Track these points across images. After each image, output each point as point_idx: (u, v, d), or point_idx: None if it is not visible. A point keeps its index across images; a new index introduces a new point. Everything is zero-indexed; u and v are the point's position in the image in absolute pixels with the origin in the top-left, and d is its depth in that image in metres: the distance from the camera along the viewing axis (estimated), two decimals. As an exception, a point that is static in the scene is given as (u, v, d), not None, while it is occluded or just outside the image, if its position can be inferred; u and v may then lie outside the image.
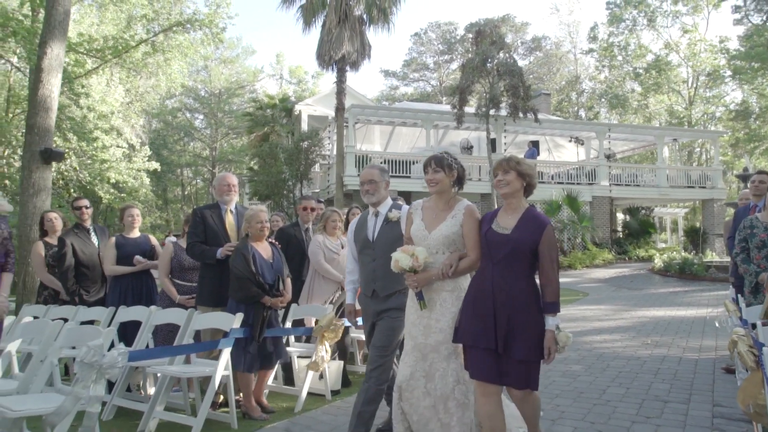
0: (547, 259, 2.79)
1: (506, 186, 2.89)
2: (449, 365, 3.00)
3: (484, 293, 2.83)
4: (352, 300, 3.71)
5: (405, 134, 23.31)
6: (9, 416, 2.75)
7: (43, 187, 10.83)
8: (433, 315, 3.05)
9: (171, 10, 21.47)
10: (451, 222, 3.08)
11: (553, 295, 2.79)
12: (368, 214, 3.62)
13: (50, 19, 11.16)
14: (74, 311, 4.77)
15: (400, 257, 2.99)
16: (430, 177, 3.13)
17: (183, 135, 43.07)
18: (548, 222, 2.86)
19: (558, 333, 2.77)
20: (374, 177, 3.55)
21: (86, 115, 21.09)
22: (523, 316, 2.76)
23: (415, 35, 45.81)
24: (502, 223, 2.92)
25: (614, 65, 37.47)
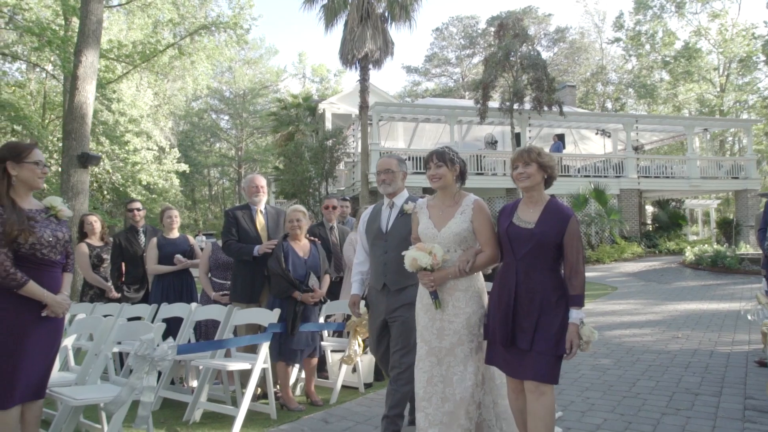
0: (572, 251, 2.71)
1: (527, 179, 2.80)
2: (467, 368, 2.90)
3: (508, 289, 2.77)
4: (358, 290, 3.62)
5: (428, 130, 23.34)
6: (72, 404, 2.98)
7: (81, 190, 11.29)
8: (445, 316, 2.95)
9: (196, 13, 21.86)
10: (461, 218, 2.98)
11: (579, 288, 2.70)
12: (382, 205, 3.54)
13: (84, 29, 11.59)
14: (119, 308, 5.02)
15: (419, 255, 2.89)
16: (432, 172, 3.04)
17: (209, 136, 43.85)
18: (572, 213, 2.77)
19: (582, 327, 2.69)
20: (392, 167, 3.48)
21: (118, 119, 21.67)
22: (549, 311, 2.70)
23: (437, 30, 45.68)
24: (523, 217, 2.82)
25: (641, 54, 36.72)
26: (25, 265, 2.85)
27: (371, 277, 3.51)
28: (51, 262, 2.94)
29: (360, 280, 3.61)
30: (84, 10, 11.72)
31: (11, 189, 2.88)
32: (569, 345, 2.67)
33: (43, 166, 2.99)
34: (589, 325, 2.71)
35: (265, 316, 4.17)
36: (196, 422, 4.04)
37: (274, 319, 4.09)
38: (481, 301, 2.99)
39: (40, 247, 2.89)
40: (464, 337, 2.91)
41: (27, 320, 2.87)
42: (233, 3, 22.18)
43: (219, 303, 4.81)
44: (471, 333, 2.93)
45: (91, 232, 5.63)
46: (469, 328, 2.93)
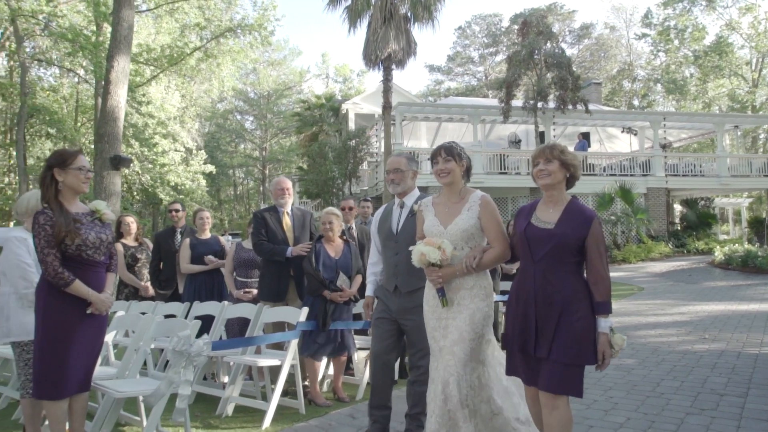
0: (596, 254, 2.57)
1: (548, 176, 2.66)
2: (464, 369, 2.77)
3: (526, 294, 2.65)
4: (372, 292, 3.58)
5: (451, 130, 23.33)
6: (114, 396, 3.17)
7: (114, 191, 11.66)
8: (450, 314, 2.88)
9: (222, 17, 22.25)
10: (468, 215, 2.90)
11: (605, 294, 2.56)
12: (393, 205, 3.48)
13: (116, 35, 11.96)
14: (154, 306, 5.23)
15: (427, 250, 2.79)
16: (441, 167, 2.96)
17: (234, 137, 44.50)
18: (595, 215, 2.65)
19: (613, 335, 2.55)
20: (401, 166, 3.42)
21: (147, 122, 22.20)
22: (568, 316, 2.56)
23: (459, 29, 45.52)
24: (543, 218, 2.69)
25: (670, 50, 35.99)
26: (72, 265, 3.04)
27: (383, 278, 3.47)
28: (96, 263, 3.12)
29: (374, 281, 3.57)
30: (116, 17, 12.09)
31: (59, 194, 3.07)
32: (601, 356, 2.54)
33: (87, 171, 3.17)
34: (619, 333, 2.59)
35: (293, 315, 4.31)
36: (229, 416, 4.20)
37: (302, 318, 4.23)
38: (487, 300, 2.90)
39: (86, 248, 3.08)
40: (466, 334, 2.80)
41: (74, 317, 3.06)
42: (257, 5, 22.59)
43: (241, 300, 4.99)
44: (473, 331, 2.81)
45: (127, 232, 5.86)
46: (473, 325, 2.81)
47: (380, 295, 3.44)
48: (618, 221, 18.30)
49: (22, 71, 20.64)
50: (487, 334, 2.90)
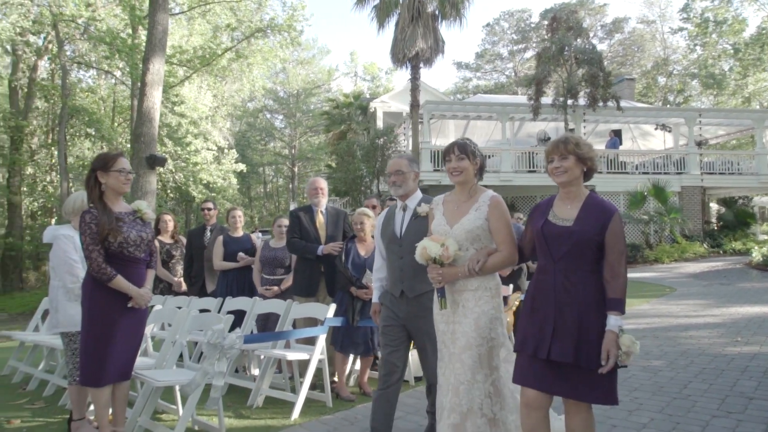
0: (614, 251, 2.45)
1: (564, 173, 2.53)
2: (474, 376, 2.67)
3: (545, 295, 2.53)
4: (378, 299, 3.46)
5: (480, 127, 23.22)
6: (154, 385, 3.36)
7: (150, 190, 12.05)
8: (456, 318, 2.79)
9: (252, 17, 22.62)
10: (475, 215, 2.79)
11: (619, 292, 2.44)
12: (396, 208, 3.40)
13: (151, 38, 12.34)
14: (188, 301, 5.45)
15: (429, 245, 2.71)
16: (454, 165, 2.85)
17: (264, 135, 45.16)
18: (615, 209, 2.52)
19: (621, 335, 2.41)
20: (402, 167, 3.33)
21: (180, 121, 22.77)
22: (595, 319, 2.44)
23: (488, 26, 45.12)
24: (560, 214, 2.56)
25: (708, 43, 34.91)
26: (114, 262, 3.24)
27: (388, 284, 3.35)
28: (136, 259, 3.32)
29: (380, 287, 3.46)
30: (151, 21, 12.47)
31: (103, 194, 3.28)
32: (605, 355, 2.38)
33: (127, 173, 3.36)
34: (629, 335, 2.43)
35: (321, 311, 4.45)
36: (259, 407, 4.37)
37: (330, 314, 4.37)
38: (493, 302, 2.78)
39: (127, 246, 3.27)
40: (473, 340, 2.69)
41: (115, 310, 3.26)
42: (287, 6, 22.91)
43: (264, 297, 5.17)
44: (480, 336, 2.70)
45: (164, 229, 6.11)
46: (479, 330, 2.70)
47: (386, 302, 3.33)
48: (651, 220, 17.96)
49: (63, 74, 21.43)
50: (497, 338, 2.77)
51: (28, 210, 25.87)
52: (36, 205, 26.41)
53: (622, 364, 2.44)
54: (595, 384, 2.43)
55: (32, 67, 23.24)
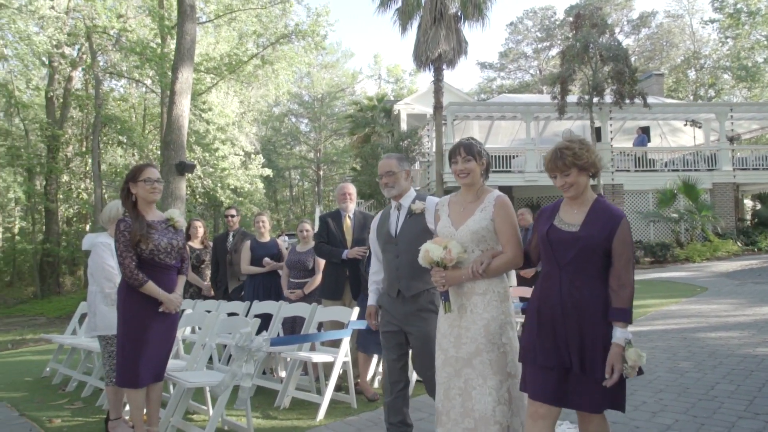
0: (621, 258, 2.38)
1: (571, 188, 2.48)
2: (486, 382, 2.60)
3: (551, 302, 2.46)
4: (374, 302, 3.40)
5: (504, 127, 23.09)
6: (185, 386, 3.51)
7: (179, 196, 12.40)
8: (462, 323, 2.70)
9: (277, 24, 22.98)
10: (480, 216, 2.73)
11: (625, 301, 2.35)
12: (391, 208, 3.37)
13: (180, 48, 12.68)
14: (217, 304, 5.62)
15: (432, 248, 2.65)
16: (460, 167, 2.78)
17: (290, 139, 45.72)
18: (623, 215, 2.45)
19: (628, 349, 2.31)
20: (392, 168, 3.27)
21: (208, 128, 23.27)
22: (601, 328, 2.38)
23: (511, 25, 44.77)
24: (566, 219, 2.50)
25: (740, 35, 33.92)
26: (146, 268, 3.41)
27: (385, 284, 3.30)
28: (167, 266, 3.47)
29: (376, 290, 3.39)
30: (179, 31, 12.83)
31: (137, 204, 3.45)
32: (609, 369, 2.31)
33: (154, 182, 3.51)
34: (636, 348, 2.34)
35: (345, 314, 4.55)
36: (286, 408, 4.50)
37: (353, 317, 4.46)
38: (502, 306, 2.71)
39: (158, 253, 3.43)
40: (482, 346, 2.63)
41: (148, 315, 3.42)
42: (311, 11, 23.23)
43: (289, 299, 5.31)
44: (490, 342, 2.64)
45: (194, 235, 6.31)
46: (488, 336, 2.64)
47: (383, 304, 3.29)
48: (681, 218, 17.57)
49: (96, 84, 22.16)
50: (509, 343, 2.70)
51: (64, 216, 26.79)
52: (71, 212, 27.35)
53: (627, 377, 2.34)
54: (601, 393, 2.35)
55: (67, 78, 24.10)
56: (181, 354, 4.81)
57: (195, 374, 3.78)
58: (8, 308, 21.10)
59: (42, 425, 4.17)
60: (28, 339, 11.98)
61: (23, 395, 5.18)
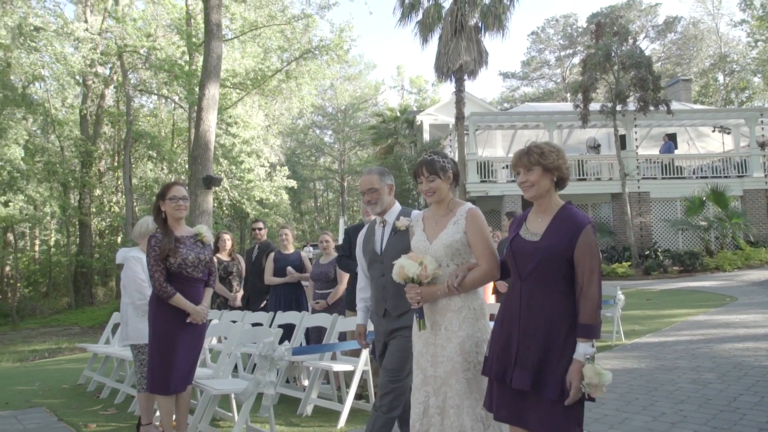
0: (583, 268, 2.24)
1: (531, 187, 2.39)
2: (463, 401, 2.54)
3: (511, 316, 2.38)
4: (363, 320, 3.32)
5: (528, 136, 22.97)
6: (212, 393, 3.68)
7: (206, 209, 12.73)
8: (438, 341, 2.64)
9: (301, 39, 23.43)
10: (453, 229, 2.68)
11: (589, 316, 2.21)
12: (375, 224, 3.27)
13: (207, 65, 13.08)
14: (242, 315, 5.81)
15: (407, 264, 2.60)
16: (425, 188, 2.75)
17: (314, 151, 46.31)
18: (587, 222, 2.31)
19: (588, 364, 2.18)
20: (374, 184, 3.16)
21: (234, 141, 23.81)
22: (560, 344, 2.25)
23: (533, 34, 44.67)
24: (531, 228, 2.41)
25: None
26: (175, 281, 3.59)
27: (372, 303, 3.23)
28: (194, 279, 3.66)
29: (364, 308, 3.30)
30: (206, 49, 13.24)
31: (167, 220, 3.65)
32: (568, 385, 2.20)
33: (179, 200, 3.70)
34: (596, 365, 2.19)
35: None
36: (308, 416, 4.63)
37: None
38: (478, 324, 2.65)
39: (186, 267, 3.62)
40: (458, 365, 2.57)
41: (176, 325, 3.60)
42: (334, 26, 23.67)
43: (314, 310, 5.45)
44: (466, 361, 2.58)
45: (222, 247, 6.53)
46: (464, 354, 2.58)
47: (373, 322, 3.23)
48: (710, 226, 17.22)
49: (128, 101, 22.92)
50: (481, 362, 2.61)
51: (97, 229, 27.62)
52: (104, 225, 28.18)
53: (589, 397, 2.21)
54: (556, 413, 2.23)
55: (100, 95, 25.00)
56: (208, 362, 4.99)
57: (221, 382, 3.95)
58: (44, 318, 21.83)
59: (79, 430, 4.39)
60: (63, 348, 12.42)
61: (61, 401, 5.43)
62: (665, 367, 5.76)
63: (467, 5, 18.34)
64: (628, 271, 16.03)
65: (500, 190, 18.73)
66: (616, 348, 7.02)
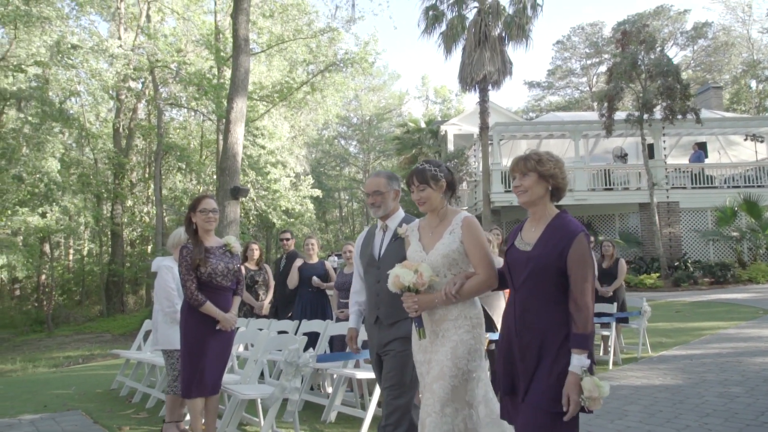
0: (577, 277, 2.20)
1: (525, 193, 2.38)
2: (443, 409, 2.46)
3: (507, 326, 2.38)
4: (355, 324, 3.28)
5: (553, 146, 22.82)
6: (240, 398, 3.82)
7: (234, 219, 13.01)
8: (434, 347, 2.61)
9: (326, 51, 23.83)
10: (450, 238, 2.64)
11: (582, 326, 2.16)
12: (376, 228, 3.22)
13: (235, 79, 13.43)
14: (268, 323, 5.95)
15: (402, 273, 2.55)
16: (416, 197, 2.73)
17: (339, 161, 46.75)
18: (579, 230, 2.26)
19: (584, 377, 2.12)
20: (380, 187, 3.09)
21: (261, 153, 24.27)
22: (552, 354, 2.22)
23: (558, 43, 44.39)
24: (525, 238, 2.39)
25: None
26: (205, 289, 3.75)
27: (366, 308, 3.18)
28: (223, 288, 3.81)
29: (357, 311, 3.27)
30: (234, 63, 13.60)
31: (197, 231, 3.82)
32: (566, 400, 2.14)
33: (209, 212, 3.86)
34: (594, 377, 2.14)
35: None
36: (332, 422, 4.73)
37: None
38: (474, 332, 2.59)
39: (215, 276, 3.77)
40: (447, 369, 2.50)
41: (206, 332, 3.75)
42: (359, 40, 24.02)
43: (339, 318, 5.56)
44: (456, 366, 2.51)
45: (250, 257, 6.72)
46: (455, 359, 2.52)
47: (366, 329, 3.18)
48: (743, 237, 16.81)
49: (159, 114, 23.62)
50: (475, 371, 2.59)
51: (128, 239, 28.38)
52: (135, 234, 28.94)
53: (588, 410, 2.16)
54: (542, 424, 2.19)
55: (132, 109, 25.80)
56: (236, 369, 5.14)
57: (248, 387, 4.08)
58: (78, 325, 22.50)
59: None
60: (96, 354, 12.80)
61: (95, 405, 5.64)
62: (692, 380, 5.68)
63: (491, 16, 18.43)
64: (657, 282, 15.74)
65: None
66: (642, 360, 6.94)
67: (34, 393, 6.61)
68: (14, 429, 4.75)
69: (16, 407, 5.66)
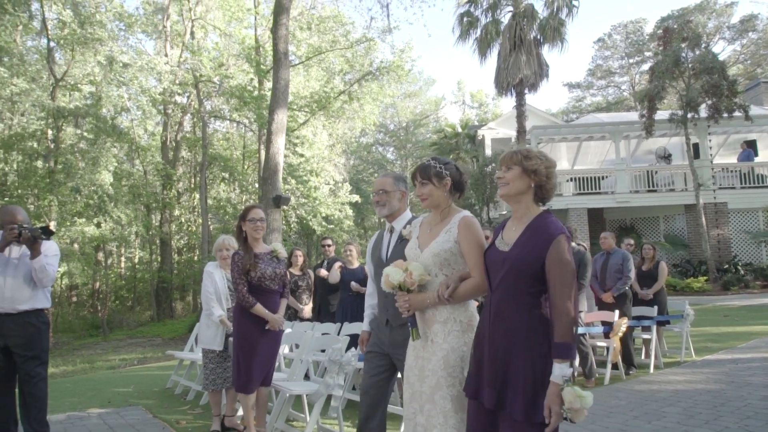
0: (556, 282, 2.09)
1: (505, 186, 2.31)
2: (447, 420, 2.42)
3: (482, 329, 2.31)
4: (368, 327, 3.25)
5: (593, 147, 22.50)
6: (289, 393, 4.09)
7: (276, 227, 13.46)
8: (425, 354, 2.54)
9: (363, 61, 24.26)
10: (444, 237, 2.57)
11: (563, 334, 2.05)
12: (384, 230, 3.23)
13: (275, 92, 13.93)
14: (312, 325, 6.23)
15: (392, 272, 2.52)
16: (418, 192, 2.70)
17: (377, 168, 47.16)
18: (560, 232, 2.16)
19: (566, 387, 2.02)
20: (386, 186, 3.12)
21: (300, 161, 24.89)
22: (523, 361, 2.12)
23: (599, 41, 43.55)
24: (506, 238, 2.31)
25: None
26: (254, 292, 4.05)
27: (377, 309, 3.17)
28: (271, 291, 4.10)
29: (371, 314, 3.25)
30: (275, 77, 14.10)
31: (246, 239, 4.13)
32: (547, 411, 2.04)
33: (257, 221, 4.15)
34: (576, 388, 2.02)
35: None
36: (374, 420, 4.92)
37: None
38: (464, 337, 2.52)
39: (264, 280, 4.06)
40: (443, 380, 2.45)
41: (256, 331, 4.05)
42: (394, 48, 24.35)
43: None
44: (450, 375, 2.46)
45: (295, 263, 7.03)
46: (448, 369, 2.46)
47: (374, 328, 3.16)
48: (797, 240, 16.16)
49: (203, 127, 24.56)
50: None
51: (176, 247, 29.51)
52: (182, 243, 30.07)
53: (572, 420, 2.06)
54: None
55: (179, 122, 26.91)
56: (282, 368, 5.43)
57: (295, 384, 4.35)
58: (131, 330, 23.56)
59: (173, 426, 4.92)
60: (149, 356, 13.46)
61: (153, 402, 6.04)
62: (735, 383, 5.62)
63: (525, 20, 18.43)
64: (705, 286, 15.31)
65: (565, 203, 18.44)
66: (685, 364, 6.87)
67: (98, 390, 7.11)
68: (85, 421, 5.18)
69: (84, 403, 6.14)
